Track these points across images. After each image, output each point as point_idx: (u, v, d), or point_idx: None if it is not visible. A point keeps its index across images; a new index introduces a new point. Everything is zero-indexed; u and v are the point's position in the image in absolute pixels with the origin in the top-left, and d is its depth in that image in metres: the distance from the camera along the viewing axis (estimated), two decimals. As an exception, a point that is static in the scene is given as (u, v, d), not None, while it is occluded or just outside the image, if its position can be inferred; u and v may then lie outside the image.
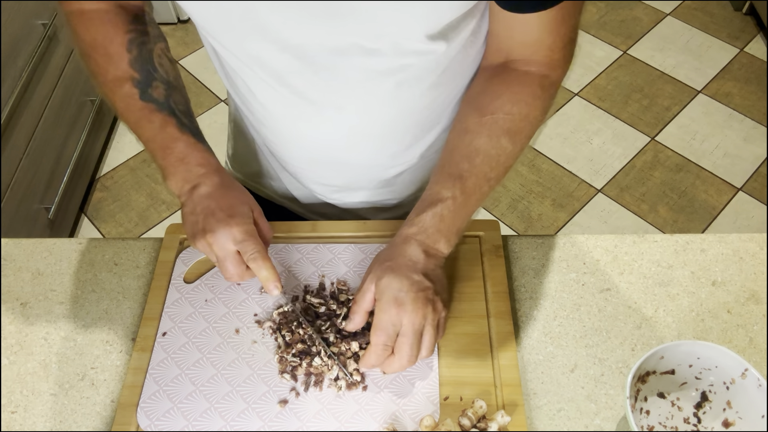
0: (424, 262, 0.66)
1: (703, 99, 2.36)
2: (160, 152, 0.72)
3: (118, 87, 0.73)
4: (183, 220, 0.71)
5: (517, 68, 0.70)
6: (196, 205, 0.69)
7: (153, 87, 0.73)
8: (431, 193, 0.69)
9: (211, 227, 0.67)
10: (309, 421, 0.66)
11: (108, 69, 0.73)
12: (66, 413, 0.70)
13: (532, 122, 0.70)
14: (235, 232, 0.67)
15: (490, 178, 0.69)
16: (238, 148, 0.98)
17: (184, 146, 0.71)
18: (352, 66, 0.68)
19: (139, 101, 0.72)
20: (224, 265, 0.68)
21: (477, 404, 0.66)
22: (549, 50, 0.69)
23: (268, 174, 0.95)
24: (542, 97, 0.70)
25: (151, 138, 0.72)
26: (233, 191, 0.71)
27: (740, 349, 0.72)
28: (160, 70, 0.74)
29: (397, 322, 0.63)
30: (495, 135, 0.69)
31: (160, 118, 0.72)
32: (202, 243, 0.68)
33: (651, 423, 0.66)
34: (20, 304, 0.79)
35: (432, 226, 0.67)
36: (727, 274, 0.79)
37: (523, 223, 2.05)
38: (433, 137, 0.82)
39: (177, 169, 0.71)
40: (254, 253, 0.67)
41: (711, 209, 2.05)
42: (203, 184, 0.70)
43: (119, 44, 0.73)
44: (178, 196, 0.72)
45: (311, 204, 0.94)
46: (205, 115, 2.37)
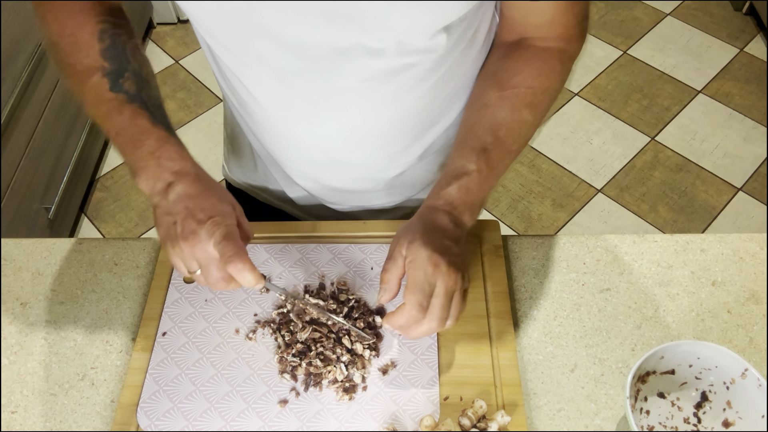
0: (453, 230, 0.66)
1: (703, 99, 2.36)
2: (130, 146, 0.66)
3: (87, 77, 0.68)
4: (156, 223, 0.65)
5: (534, 44, 0.72)
6: (171, 206, 0.63)
7: (125, 78, 0.68)
8: (456, 166, 0.69)
9: (192, 229, 0.61)
10: (309, 421, 0.67)
11: (77, 57, 0.69)
12: (66, 413, 0.70)
13: (551, 95, 0.72)
14: (219, 233, 0.61)
15: (512, 150, 0.71)
16: (235, 152, 0.97)
17: (155, 140, 0.66)
18: (355, 66, 0.68)
19: (109, 92, 0.68)
20: (208, 271, 0.62)
21: (477, 404, 0.66)
22: (564, 27, 0.71)
23: (266, 177, 0.95)
24: (560, 70, 0.72)
25: (120, 131, 0.67)
26: (212, 189, 0.66)
27: (740, 349, 0.72)
28: (133, 63, 0.70)
29: (433, 282, 0.62)
30: (517, 108, 0.70)
31: (131, 109, 0.67)
32: (180, 248, 0.62)
33: (651, 423, 0.66)
34: (20, 304, 0.79)
35: (458, 199, 0.67)
36: (727, 274, 0.79)
37: (523, 223, 2.05)
38: (432, 137, 0.82)
39: (148, 164, 0.65)
40: (232, 255, 0.61)
41: (711, 209, 2.05)
42: (179, 182, 0.64)
43: (90, 33, 0.69)
44: (150, 195, 0.65)
45: (309, 206, 0.94)
46: (205, 115, 2.37)
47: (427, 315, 0.62)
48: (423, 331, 0.63)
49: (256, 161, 0.94)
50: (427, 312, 0.62)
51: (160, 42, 2.65)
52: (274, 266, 0.80)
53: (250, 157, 0.94)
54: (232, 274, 0.61)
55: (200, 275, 0.63)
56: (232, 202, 0.66)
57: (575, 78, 2.46)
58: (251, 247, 0.81)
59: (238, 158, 0.97)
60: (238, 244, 0.62)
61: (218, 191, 0.66)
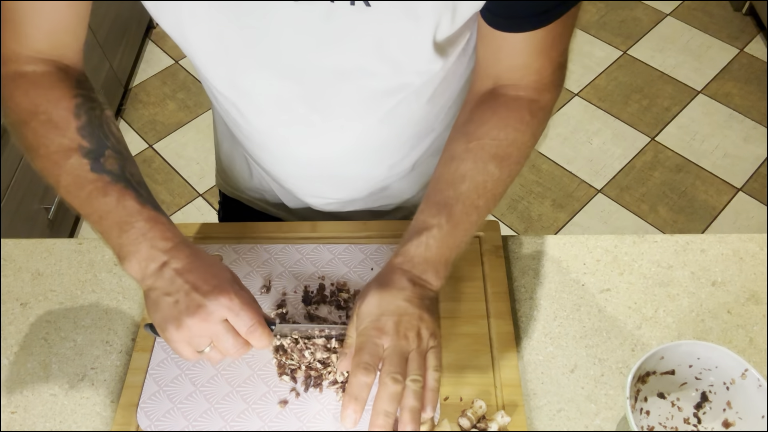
0: (410, 290, 0.62)
1: (703, 99, 2.36)
2: (117, 229, 0.62)
3: (63, 159, 0.63)
4: (153, 308, 0.60)
5: (505, 93, 0.68)
6: (170, 285, 0.60)
7: (105, 157, 0.64)
8: (417, 222, 0.65)
9: (199, 303, 0.58)
10: (309, 422, 0.66)
11: (51, 138, 0.63)
12: (66, 413, 0.70)
13: (520, 147, 0.67)
14: (233, 303, 0.59)
15: (479, 206, 0.66)
16: (229, 162, 0.96)
17: (145, 220, 0.62)
18: (352, 88, 0.68)
19: (91, 173, 0.63)
20: (224, 343, 0.60)
21: (477, 404, 0.66)
22: (538, 74, 0.66)
23: (261, 187, 0.95)
24: (531, 122, 0.68)
25: (105, 214, 0.62)
26: (208, 260, 0.63)
27: (740, 350, 0.72)
28: (112, 139, 0.66)
29: (379, 344, 0.59)
30: (481, 160, 0.66)
31: (117, 190, 0.63)
32: (187, 326, 0.58)
33: (651, 423, 0.66)
34: (20, 304, 0.79)
35: (418, 255, 0.63)
36: (727, 274, 0.79)
37: (523, 223, 2.05)
38: (427, 144, 0.82)
39: (139, 248, 0.61)
40: (253, 324, 0.60)
41: (711, 209, 2.05)
42: (173, 259, 0.61)
43: (65, 109, 0.64)
44: (141, 279, 0.61)
45: (306, 214, 0.94)
46: (206, 115, 2.37)
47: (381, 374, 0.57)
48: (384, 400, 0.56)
49: (251, 170, 0.93)
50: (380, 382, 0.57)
51: (160, 42, 2.65)
52: (274, 266, 0.80)
53: (245, 167, 0.94)
54: (253, 341, 0.61)
55: (210, 352, 0.61)
56: (229, 270, 0.64)
57: (575, 78, 2.46)
58: (252, 247, 0.81)
59: (233, 169, 0.96)
60: (255, 311, 0.61)
61: (214, 262, 0.64)
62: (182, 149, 2.27)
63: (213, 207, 2.10)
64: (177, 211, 2.10)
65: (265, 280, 0.78)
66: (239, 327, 0.60)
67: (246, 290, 0.63)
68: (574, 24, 0.65)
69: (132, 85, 2.50)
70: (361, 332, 0.60)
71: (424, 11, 0.58)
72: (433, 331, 0.61)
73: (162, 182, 2.18)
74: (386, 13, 0.58)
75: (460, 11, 0.60)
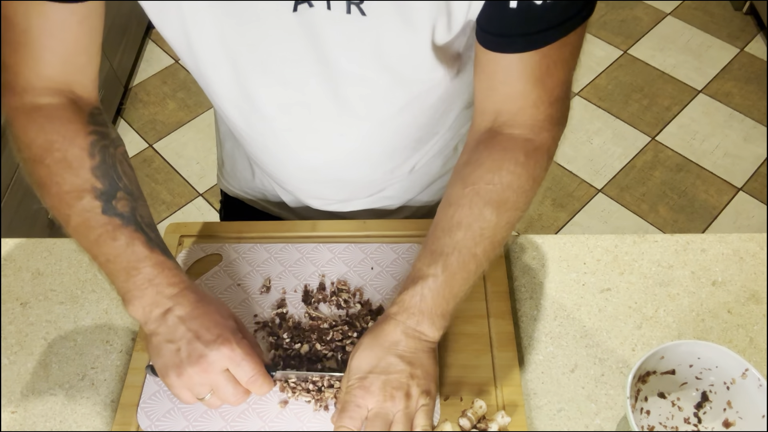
0: (404, 343, 0.61)
1: (703, 99, 2.36)
2: (124, 274, 0.62)
3: (75, 199, 0.62)
4: (155, 353, 0.61)
5: (502, 132, 0.66)
6: (172, 332, 0.60)
7: (117, 198, 0.63)
8: (414, 270, 0.64)
9: (201, 352, 0.59)
10: (309, 422, 0.66)
11: (65, 177, 0.63)
12: (66, 413, 0.70)
13: (517, 191, 0.64)
14: (235, 354, 0.60)
15: (476, 254, 0.63)
16: (229, 164, 0.97)
17: (153, 266, 0.62)
18: (355, 95, 0.68)
19: (102, 216, 0.62)
20: (224, 392, 0.60)
21: (477, 404, 0.66)
22: (534, 108, 0.64)
23: (262, 186, 0.95)
24: (526, 164, 0.65)
25: (113, 258, 0.62)
26: (212, 306, 0.63)
27: (740, 349, 0.72)
28: (124, 179, 0.65)
29: (363, 406, 0.59)
30: (477, 206, 0.64)
31: (127, 234, 0.62)
32: (188, 375, 0.59)
33: (651, 423, 0.66)
34: (20, 304, 0.79)
35: (413, 306, 0.62)
36: (727, 274, 0.79)
37: (523, 223, 2.04)
38: (429, 147, 0.82)
39: (145, 293, 0.61)
40: (254, 375, 0.61)
41: (711, 209, 2.05)
42: (178, 306, 0.61)
43: (80, 148, 0.63)
44: (144, 323, 0.62)
45: (308, 214, 0.94)
46: (205, 115, 2.37)
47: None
48: None
49: (254, 171, 0.93)
50: None
51: (160, 42, 2.65)
52: (274, 266, 0.80)
53: (247, 167, 0.94)
54: (253, 390, 0.62)
55: (211, 399, 0.61)
56: (232, 316, 0.64)
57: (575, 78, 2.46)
58: (252, 247, 0.81)
59: (234, 168, 0.96)
60: (256, 362, 0.61)
61: (219, 308, 0.64)
62: (182, 149, 2.27)
63: (213, 207, 2.10)
64: (177, 210, 2.10)
65: (265, 279, 0.78)
66: (240, 377, 0.61)
67: (249, 337, 0.64)
68: (576, 55, 0.62)
69: (132, 84, 2.50)
70: (347, 390, 0.60)
71: (418, 17, 0.58)
72: (425, 388, 0.61)
73: (162, 182, 2.18)
74: (382, 21, 0.58)
75: (455, 16, 0.60)
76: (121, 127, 2.33)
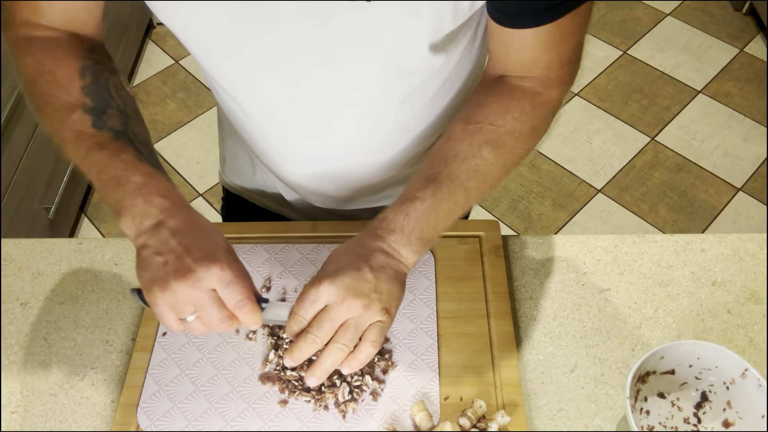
0: (378, 257, 0.61)
1: (703, 99, 2.36)
2: (113, 184, 0.59)
3: (66, 114, 0.62)
4: (142, 266, 0.57)
5: (511, 82, 0.68)
6: (162, 245, 0.57)
7: (108, 115, 0.63)
8: (404, 192, 0.65)
9: (189, 267, 0.55)
10: (309, 421, 0.66)
11: (56, 95, 0.63)
12: (66, 413, 0.70)
13: (518, 138, 0.67)
14: (224, 274, 0.56)
15: (467, 188, 0.64)
16: (232, 158, 0.97)
17: (142, 176, 0.59)
18: (354, 86, 0.68)
19: (92, 128, 0.62)
20: (209, 312, 0.57)
21: (477, 404, 0.66)
22: (546, 69, 0.66)
23: (263, 183, 0.95)
24: (531, 114, 0.67)
25: (102, 168, 0.60)
26: (206, 226, 0.61)
27: (740, 349, 0.72)
28: (117, 99, 0.65)
29: (320, 300, 0.58)
30: (476, 143, 0.65)
31: (115, 146, 0.61)
32: (173, 290, 0.55)
33: (651, 423, 0.66)
34: (20, 304, 0.79)
35: (395, 224, 0.62)
36: (727, 274, 0.79)
37: (523, 223, 2.05)
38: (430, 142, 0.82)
39: (135, 202, 0.58)
40: (242, 299, 0.57)
41: (711, 209, 2.05)
42: (170, 218, 0.58)
43: (70, 69, 0.64)
44: (136, 235, 0.58)
45: (307, 210, 0.94)
46: (205, 115, 2.37)
47: (307, 331, 0.59)
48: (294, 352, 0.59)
49: (255, 167, 0.94)
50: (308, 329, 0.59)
51: (160, 42, 2.65)
52: (274, 266, 0.80)
53: (248, 164, 0.94)
54: (241, 317, 0.58)
55: (193, 321, 0.58)
56: (226, 240, 0.61)
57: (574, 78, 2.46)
58: (252, 247, 0.81)
59: (236, 164, 0.96)
60: (246, 285, 0.58)
61: (212, 230, 0.61)
62: (182, 149, 2.27)
63: (213, 207, 2.10)
64: (177, 211, 2.10)
65: (265, 279, 0.78)
66: (227, 300, 0.57)
67: (240, 263, 0.60)
68: (588, 20, 0.64)
69: (132, 84, 2.50)
70: (312, 280, 0.60)
71: (423, 6, 0.58)
72: (386, 305, 0.60)
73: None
74: (386, 9, 0.58)
75: (461, 7, 0.60)
76: (121, 128, 2.33)
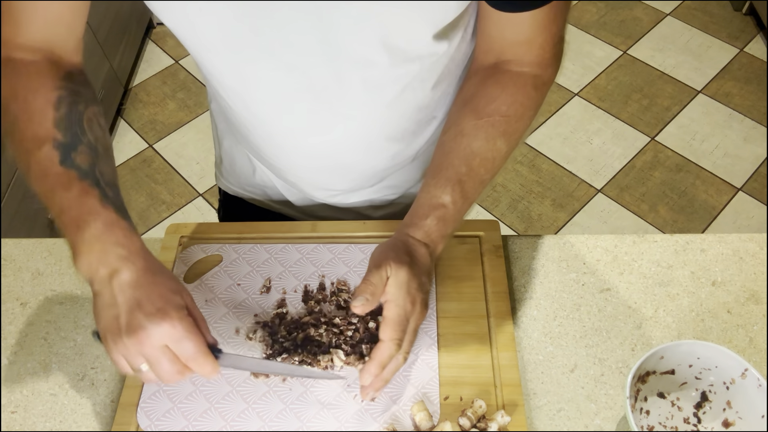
0: (429, 264, 0.68)
1: (703, 99, 2.36)
2: (74, 226, 0.60)
3: (35, 147, 0.62)
4: (97, 314, 0.59)
5: (510, 69, 0.71)
6: (116, 296, 0.58)
7: (77, 152, 0.62)
8: (431, 196, 0.69)
9: (140, 323, 0.56)
10: (309, 421, 0.67)
11: (27, 126, 0.63)
12: (66, 413, 0.70)
13: (526, 122, 0.72)
14: (174, 330, 0.57)
15: (485, 180, 0.71)
16: (229, 162, 0.96)
17: (102, 223, 0.60)
18: (358, 77, 0.68)
19: (58, 166, 0.61)
20: (159, 366, 0.57)
21: (477, 404, 0.66)
22: (540, 49, 0.69)
23: (262, 182, 0.95)
24: (535, 97, 0.71)
25: (65, 209, 0.60)
26: (161, 278, 0.60)
27: (740, 349, 0.72)
28: (89, 135, 0.64)
29: (408, 319, 0.64)
30: (491, 138, 0.70)
31: (80, 187, 0.61)
32: (124, 344, 0.57)
33: (651, 423, 0.66)
34: (20, 304, 0.79)
35: (435, 231, 0.68)
36: (727, 274, 0.79)
37: (523, 223, 2.05)
38: (429, 132, 0.83)
39: (92, 249, 0.59)
40: (194, 353, 0.58)
41: (711, 209, 2.05)
42: (125, 270, 0.58)
43: (46, 99, 0.63)
44: (91, 282, 0.59)
45: (308, 206, 0.94)
46: (205, 116, 2.37)
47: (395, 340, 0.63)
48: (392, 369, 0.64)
49: (254, 167, 0.93)
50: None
51: (160, 42, 2.65)
52: (274, 266, 0.80)
53: (248, 165, 0.94)
54: (195, 369, 0.59)
55: (147, 372, 0.58)
56: (181, 291, 0.61)
57: (575, 78, 2.46)
58: (252, 247, 0.81)
59: (234, 166, 0.96)
60: (197, 340, 0.58)
61: (167, 280, 0.61)
62: (182, 149, 2.27)
63: (213, 207, 2.10)
64: (177, 210, 2.10)
65: (265, 279, 0.78)
66: (180, 354, 0.58)
67: (196, 314, 0.61)
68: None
69: (132, 84, 2.50)
70: (398, 303, 0.64)
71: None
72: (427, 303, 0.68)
73: (162, 182, 2.18)
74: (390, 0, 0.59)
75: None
76: (121, 128, 2.33)
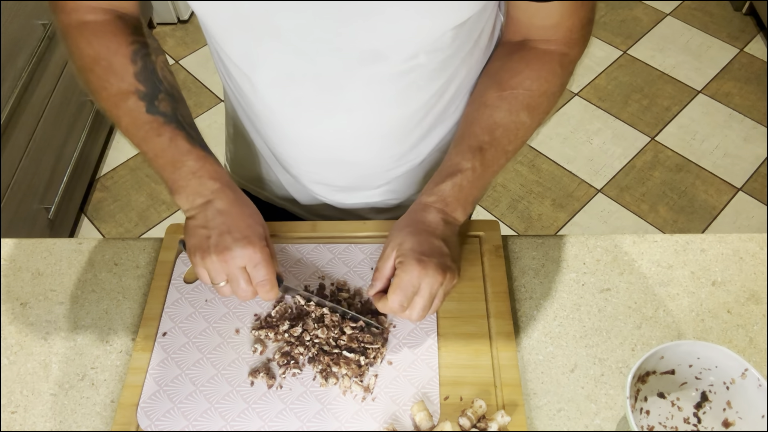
0: (443, 228, 0.68)
1: (703, 99, 2.36)
2: (170, 167, 0.70)
3: (122, 101, 0.71)
4: (190, 233, 0.69)
5: (536, 46, 0.72)
6: (209, 220, 0.67)
7: (159, 100, 0.71)
8: (451, 163, 0.71)
9: (227, 245, 0.66)
10: (309, 421, 0.67)
11: (111, 82, 0.71)
12: (66, 413, 0.70)
13: (550, 98, 0.73)
14: (255, 256, 0.66)
15: (508, 151, 0.72)
16: (238, 150, 0.97)
17: (195, 160, 0.70)
18: (365, 69, 0.68)
19: (146, 114, 0.70)
20: (237, 284, 0.67)
21: (477, 404, 0.66)
22: (568, 31, 0.71)
23: (268, 176, 0.95)
24: (561, 74, 0.73)
25: (160, 152, 0.70)
26: (248, 210, 0.70)
27: (740, 349, 0.72)
28: (165, 83, 0.73)
29: (416, 284, 0.65)
30: (515, 110, 0.71)
31: (169, 131, 0.70)
32: (212, 260, 0.66)
33: (651, 423, 0.66)
34: (20, 304, 0.79)
35: (451, 195, 0.70)
36: (727, 274, 0.79)
37: (523, 223, 2.05)
38: (436, 138, 0.82)
39: (189, 183, 0.69)
40: (264, 280, 0.67)
41: (711, 209, 2.05)
42: (218, 199, 0.68)
43: (123, 56, 0.71)
44: (187, 210, 0.70)
45: (311, 205, 0.94)
46: (205, 115, 2.37)
47: (407, 310, 0.66)
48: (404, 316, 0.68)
49: (259, 160, 0.94)
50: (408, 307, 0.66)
51: (160, 42, 2.65)
52: (274, 266, 0.80)
53: (253, 156, 0.94)
54: (261, 293, 0.68)
55: (224, 287, 0.67)
56: (263, 224, 0.70)
57: (575, 78, 2.46)
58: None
59: (241, 157, 0.97)
60: (270, 269, 0.67)
61: (252, 212, 0.70)
62: (182, 149, 2.27)
63: (213, 207, 2.10)
64: (177, 210, 2.10)
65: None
66: (253, 277, 0.67)
67: (271, 247, 0.70)
68: None
69: (132, 85, 2.50)
70: (403, 267, 0.66)
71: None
72: (458, 268, 0.69)
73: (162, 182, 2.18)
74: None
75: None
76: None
